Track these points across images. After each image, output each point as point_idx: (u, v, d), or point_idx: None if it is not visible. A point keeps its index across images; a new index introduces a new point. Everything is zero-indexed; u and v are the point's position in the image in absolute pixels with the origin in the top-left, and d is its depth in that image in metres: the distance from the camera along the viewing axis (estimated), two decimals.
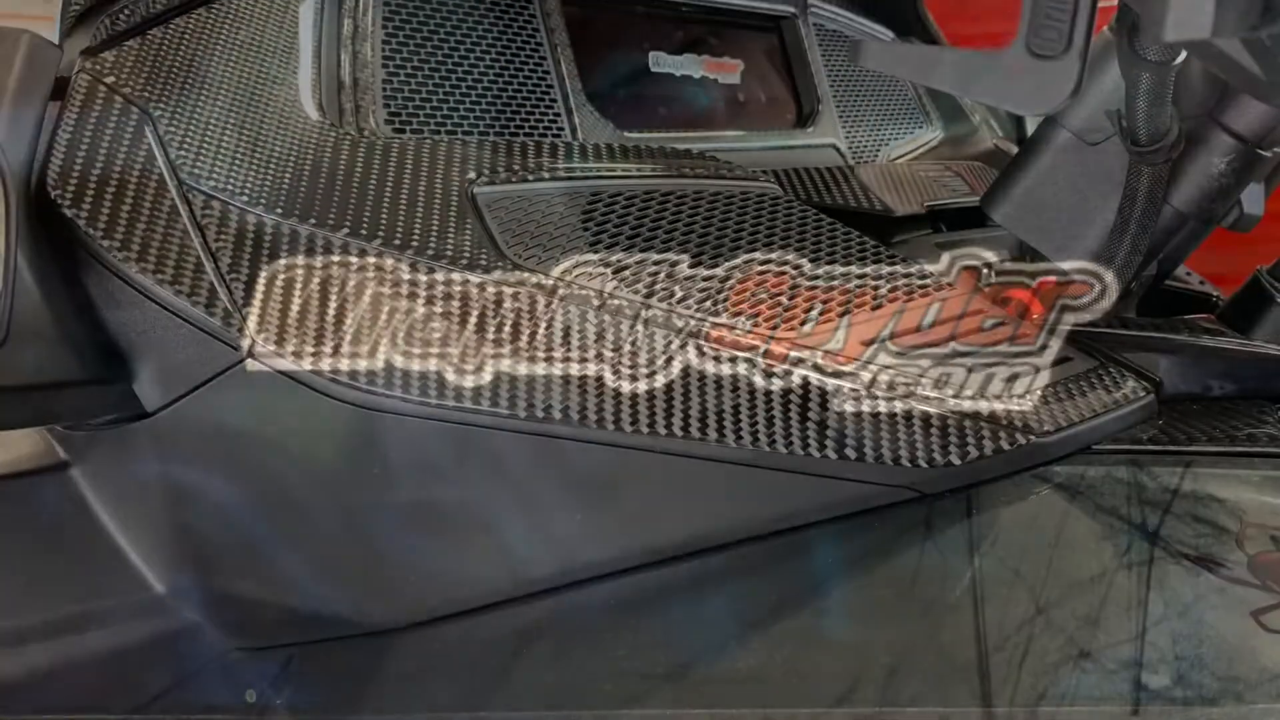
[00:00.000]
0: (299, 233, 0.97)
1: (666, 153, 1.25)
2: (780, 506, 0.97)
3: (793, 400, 0.95)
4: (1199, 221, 1.18)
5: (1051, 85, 0.87)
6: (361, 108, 1.15)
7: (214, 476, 0.99)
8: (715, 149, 1.48)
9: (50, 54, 0.99)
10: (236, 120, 1.05)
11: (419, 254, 0.98)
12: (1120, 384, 1.06)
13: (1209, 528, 0.88)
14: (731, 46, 1.71)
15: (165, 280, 0.93)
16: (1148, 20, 0.74)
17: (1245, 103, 1.11)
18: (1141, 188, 1.13)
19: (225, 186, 0.98)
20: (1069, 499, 0.93)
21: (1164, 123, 1.08)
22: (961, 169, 1.80)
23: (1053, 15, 0.86)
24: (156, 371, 0.96)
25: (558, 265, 1.02)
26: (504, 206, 1.06)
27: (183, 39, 1.08)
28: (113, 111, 1.00)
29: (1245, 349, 1.10)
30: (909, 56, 0.97)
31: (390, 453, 0.96)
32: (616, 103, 1.48)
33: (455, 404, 0.93)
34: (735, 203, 1.19)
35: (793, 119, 1.76)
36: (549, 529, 0.99)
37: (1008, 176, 1.26)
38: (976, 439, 0.95)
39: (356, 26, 1.20)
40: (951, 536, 0.92)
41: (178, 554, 1.04)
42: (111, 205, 0.95)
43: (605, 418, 0.94)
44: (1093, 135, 1.20)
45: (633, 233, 1.08)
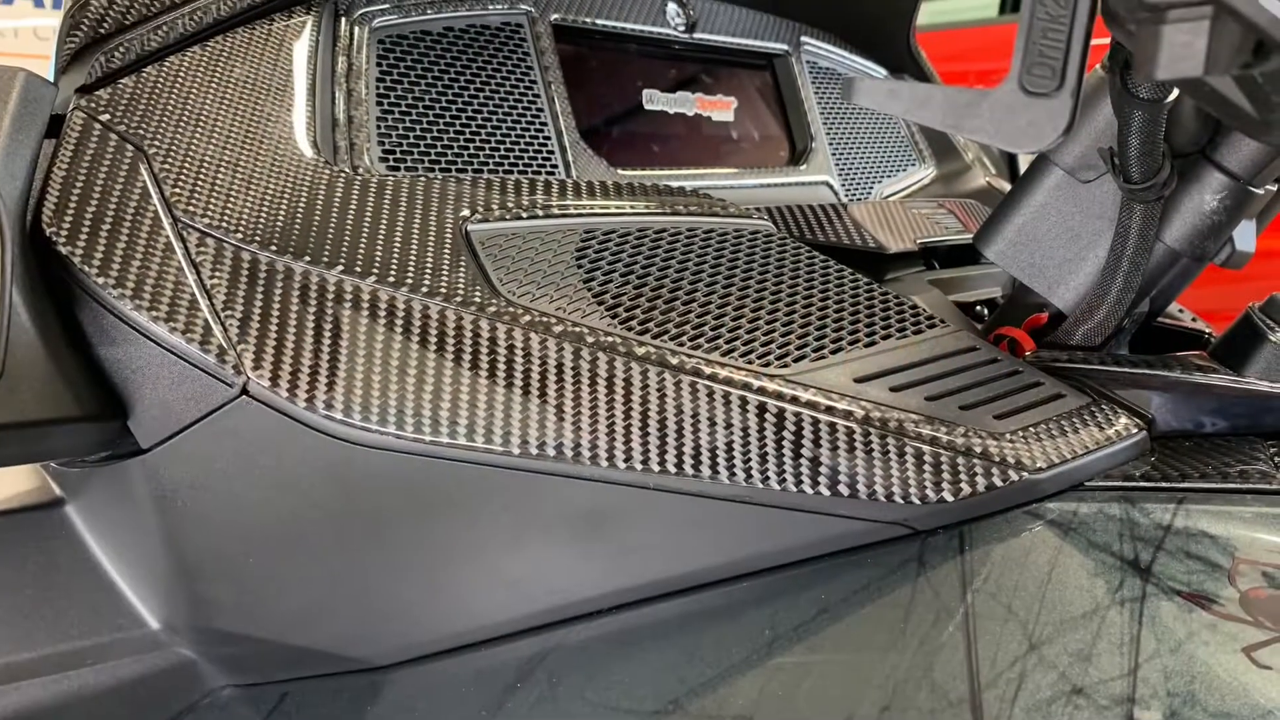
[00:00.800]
0: (293, 270, 0.97)
1: (660, 190, 1.25)
2: (772, 543, 0.97)
3: (785, 437, 0.96)
4: (1191, 259, 1.18)
5: (1044, 123, 0.88)
6: (356, 145, 1.16)
7: (208, 513, 0.99)
8: (709, 186, 1.49)
9: (45, 91, 0.99)
10: (231, 157, 1.05)
11: (413, 291, 0.98)
12: (1112, 421, 1.06)
13: (1201, 564, 0.88)
14: (725, 84, 1.71)
15: (160, 317, 0.93)
16: (1140, 58, 0.75)
17: (1237, 140, 1.12)
18: (1134, 225, 1.13)
19: (220, 224, 0.99)
20: (1061, 535, 0.93)
21: (1156, 160, 1.09)
22: (954, 206, 1.81)
23: (1045, 53, 0.86)
24: (151, 408, 0.97)
25: (551, 302, 1.02)
26: (498, 244, 1.06)
27: (177, 76, 1.09)
28: (107, 149, 1.00)
29: (1237, 386, 1.10)
30: (902, 94, 0.97)
31: (383, 489, 0.96)
32: (610, 140, 1.49)
33: (449, 440, 0.94)
34: (729, 240, 1.19)
35: (786, 156, 1.77)
36: (541, 566, 0.99)
37: (1000, 214, 1.27)
38: (969, 475, 0.95)
39: (351, 64, 1.21)
40: (944, 572, 0.92)
41: (172, 590, 1.04)
42: (106, 242, 0.95)
43: (598, 454, 0.94)
44: (1085, 173, 1.20)
45: (626, 270, 1.09)
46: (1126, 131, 1.07)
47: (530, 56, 1.39)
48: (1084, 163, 1.20)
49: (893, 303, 1.17)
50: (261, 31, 1.17)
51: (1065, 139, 0.90)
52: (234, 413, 0.95)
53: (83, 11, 1.09)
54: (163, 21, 1.11)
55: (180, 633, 1.06)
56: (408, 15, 1.29)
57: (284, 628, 1.03)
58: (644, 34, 1.60)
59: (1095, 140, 1.19)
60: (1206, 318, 1.55)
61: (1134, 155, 1.08)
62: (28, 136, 0.97)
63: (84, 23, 1.09)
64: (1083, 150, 1.20)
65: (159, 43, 1.10)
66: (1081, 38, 0.85)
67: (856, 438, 0.96)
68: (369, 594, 1.00)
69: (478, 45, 1.35)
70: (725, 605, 0.97)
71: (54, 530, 1.09)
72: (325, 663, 1.04)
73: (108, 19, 1.09)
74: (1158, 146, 1.08)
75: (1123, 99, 1.05)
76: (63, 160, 0.99)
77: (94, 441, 0.98)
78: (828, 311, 1.12)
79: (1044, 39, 0.86)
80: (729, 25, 1.74)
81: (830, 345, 1.07)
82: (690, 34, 1.66)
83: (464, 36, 1.34)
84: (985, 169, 2.09)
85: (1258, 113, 0.89)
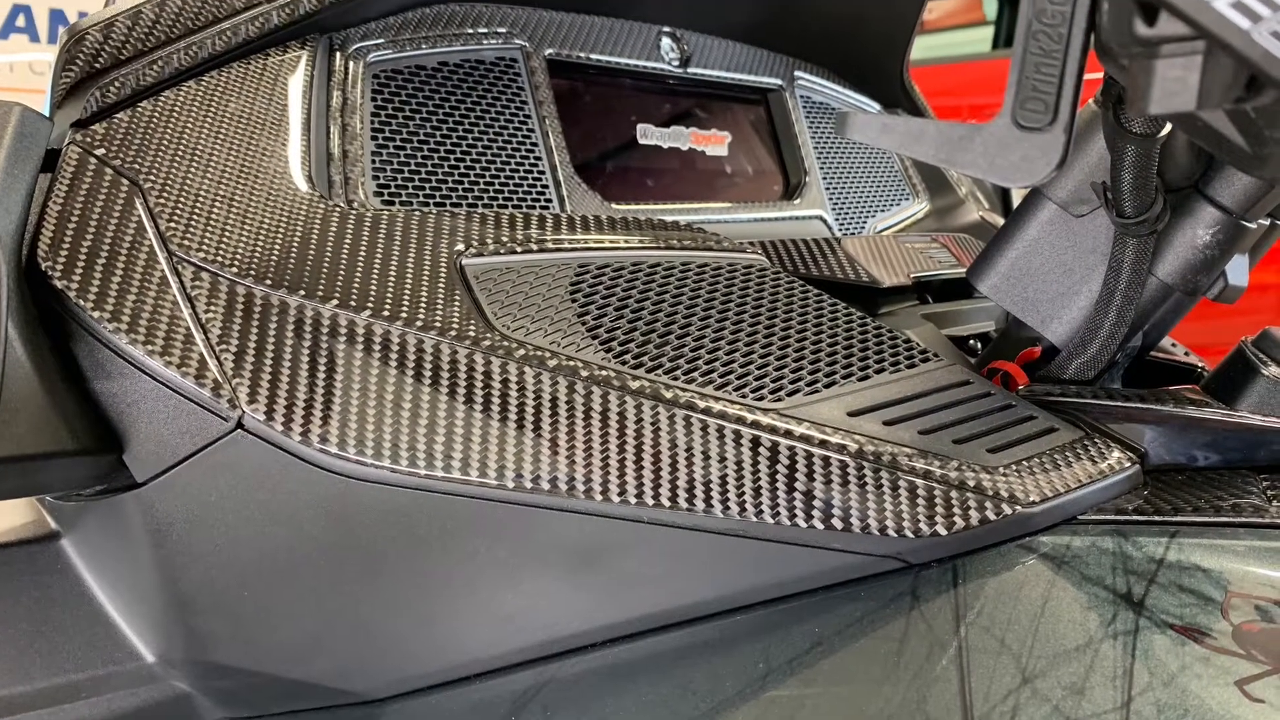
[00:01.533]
0: (288, 304, 0.98)
1: (654, 224, 1.25)
2: (766, 576, 0.97)
3: (779, 471, 0.96)
4: (1184, 293, 1.18)
5: (1037, 157, 0.88)
6: (350, 180, 1.16)
7: (204, 546, 0.99)
8: (703, 221, 1.49)
9: (41, 126, 1.00)
10: (226, 192, 1.05)
11: (408, 325, 0.98)
12: (1105, 454, 1.06)
13: (1194, 597, 0.88)
14: (719, 119, 1.72)
15: (155, 351, 0.93)
16: (1133, 93, 0.75)
17: (1230, 175, 1.12)
18: (1127, 259, 1.13)
19: (215, 258, 0.99)
20: (1055, 569, 0.93)
21: (1149, 195, 1.09)
22: (948, 241, 1.81)
23: (1038, 88, 0.86)
24: (147, 442, 0.97)
25: (546, 336, 1.02)
26: (492, 278, 1.07)
27: (173, 111, 1.09)
28: (103, 183, 1.01)
29: (1230, 419, 1.11)
30: (895, 128, 0.97)
31: (379, 523, 0.96)
32: (604, 175, 1.49)
33: (444, 474, 0.94)
34: (723, 274, 1.19)
35: (780, 191, 1.77)
36: (536, 599, 0.99)
37: (994, 248, 1.27)
38: (962, 509, 0.95)
39: (345, 99, 1.21)
40: (937, 606, 0.92)
41: (168, 623, 1.04)
42: (102, 277, 0.96)
43: (593, 488, 0.94)
44: (1078, 208, 1.20)
45: (621, 304, 1.09)
46: (1119, 166, 1.07)
47: (525, 91, 1.40)
48: (1077, 197, 1.20)
49: (886, 337, 1.18)
50: (256, 66, 1.17)
51: (1058, 173, 0.91)
52: (229, 447, 0.95)
53: (78, 46, 1.09)
54: (158, 56, 1.11)
55: (176, 666, 1.06)
56: (402, 50, 1.30)
57: (279, 661, 1.03)
58: (638, 69, 1.60)
59: (1088, 175, 1.19)
60: (1199, 352, 1.55)
61: (1127, 190, 1.08)
62: (23, 171, 0.97)
63: (79, 57, 1.09)
64: (1076, 185, 1.20)
65: (154, 78, 1.10)
66: (1074, 73, 0.85)
67: (850, 472, 0.96)
68: (364, 627, 1.00)
69: (472, 80, 1.35)
70: (719, 639, 0.97)
71: (49, 564, 1.09)
72: (321, 696, 1.04)
73: (103, 54, 1.10)
74: (1150, 181, 1.08)
75: (1116, 134, 1.05)
76: (58, 195, 0.99)
77: (89, 475, 0.98)
78: (821, 346, 1.12)
79: (1037, 74, 0.86)
80: (723, 60, 1.74)
81: (824, 379, 1.07)
82: (684, 69, 1.67)
83: (458, 71, 1.35)
84: (978, 203, 2.09)
85: (1250, 147, 0.89)
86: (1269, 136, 0.86)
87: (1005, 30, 5.77)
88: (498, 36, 1.40)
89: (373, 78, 1.26)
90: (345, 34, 1.26)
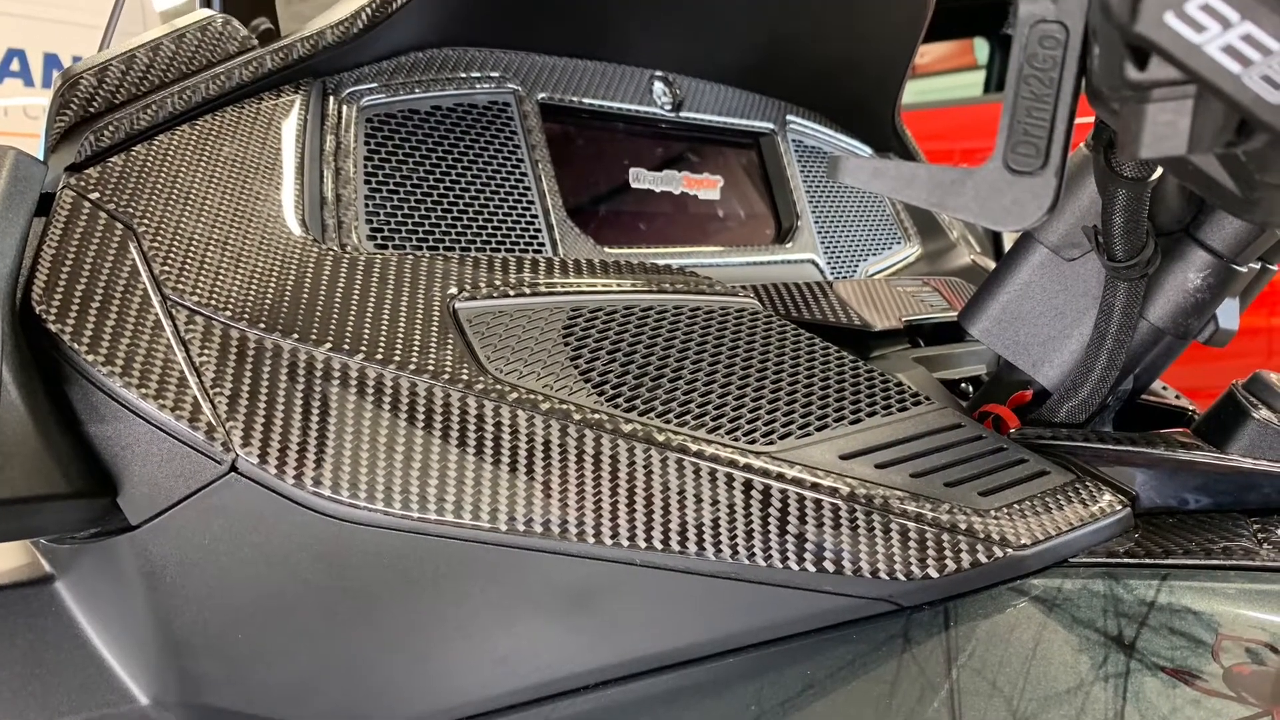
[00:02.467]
0: (282, 347, 0.98)
1: (647, 268, 1.26)
2: (759, 619, 0.97)
3: (771, 513, 0.96)
4: (1175, 336, 1.18)
5: (1028, 201, 0.88)
6: (344, 223, 1.16)
7: (198, 589, 0.99)
8: (695, 264, 1.49)
9: (35, 170, 1.00)
10: (220, 236, 1.05)
11: (401, 368, 0.98)
12: (1097, 497, 1.06)
13: (1185, 640, 0.88)
14: (711, 163, 1.72)
15: (149, 394, 0.93)
16: (1124, 137, 0.75)
17: (1221, 218, 1.12)
18: (1118, 303, 1.14)
19: (209, 301, 0.99)
20: (1046, 611, 0.93)
21: (1140, 238, 1.09)
22: (939, 284, 1.81)
23: (1030, 132, 0.87)
24: (140, 485, 0.97)
25: (539, 379, 1.02)
26: (485, 321, 1.07)
27: (166, 155, 1.09)
28: (97, 227, 1.01)
29: (1221, 463, 1.11)
30: (886, 172, 0.98)
31: (372, 565, 0.96)
32: (597, 218, 1.50)
33: (437, 517, 0.94)
34: (715, 317, 1.19)
35: (772, 234, 1.78)
36: (529, 642, 0.99)
37: (985, 292, 1.27)
38: (954, 552, 0.95)
39: (339, 143, 1.21)
40: (929, 648, 0.92)
41: (161, 666, 1.04)
42: (96, 320, 0.96)
43: (585, 531, 0.95)
44: (1069, 251, 1.21)
45: (613, 347, 1.09)
46: (1110, 210, 1.07)
47: (517, 135, 1.40)
48: (1068, 241, 1.20)
49: (878, 380, 1.18)
50: (250, 110, 1.18)
51: (1049, 217, 0.91)
52: (222, 490, 0.95)
53: (72, 90, 1.09)
54: (152, 100, 1.11)
55: (170, 709, 1.06)
56: (395, 94, 1.30)
57: (273, 703, 1.03)
58: (631, 113, 1.61)
59: (1079, 218, 1.19)
60: (1190, 395, 1.55)
61: (1118, 233, 1.08)
62: (17, 215, 0.97)
63: (74, 101, 1.09)
64: (1067, 228, 1.20)
65: (148, 121, 1.10)
66: (1066, 116, 0.85)
67: (842, 514, 0.96)
68: (358, 670, 1.00)
69: (465, 124, 1.36)
70: (712, 681, 0.97)
71: (43, 607, 1.09)
72: None
73: (97, 98, 1.10)
74: (1141, 224, 1.08)
75: (1107, 177, 1.05)
76: (52, 238, 0.99)
77: (83, 518, 0.98)
78: (813, 389, 1.13)
79: (1028, 118, 0.86)
80: (715, 104, 1.75)
81: (816, 422, 1.08)
82: (677, 113, 1.67)
83: (451, 115, 1.35)
84: (970, 247, 2.10)
85: (1241, 191, 0.89)
86: (1260, 180, 0.86)
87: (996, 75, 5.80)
88: (490, 81, 1.41)
89: (366, 122, 1.26)
90: (338, 78, 1.26)
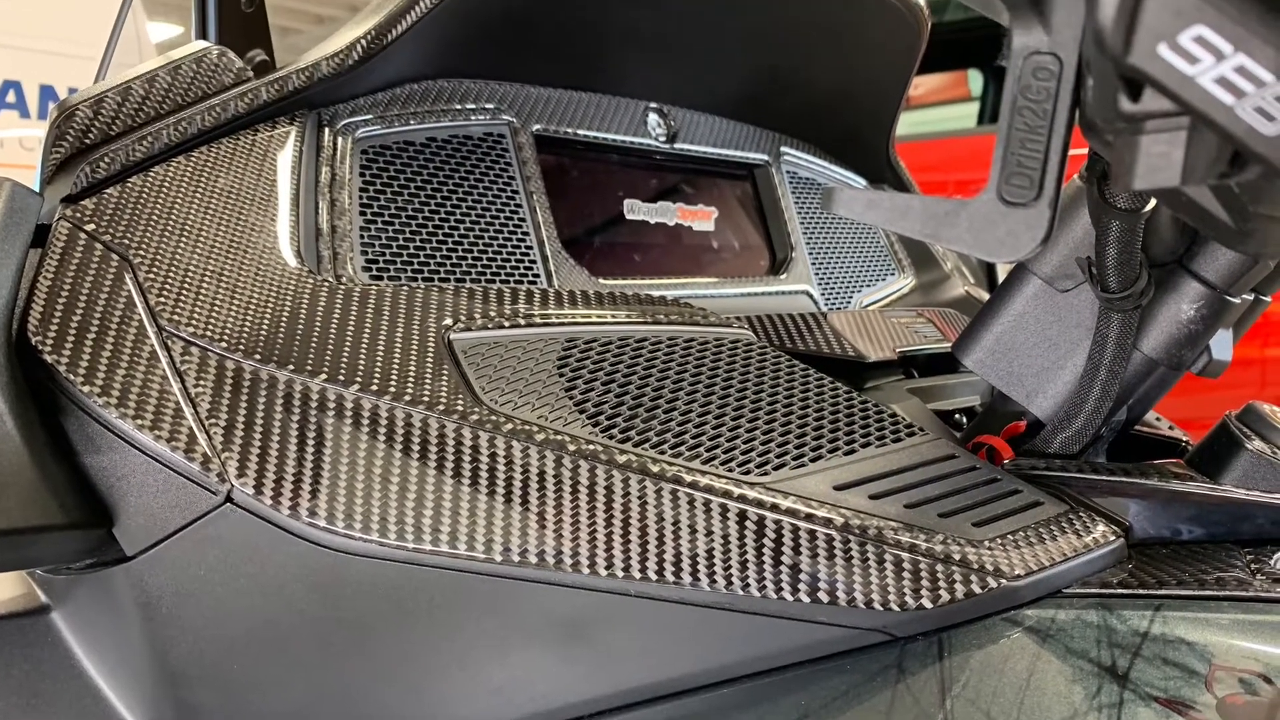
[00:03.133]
0: (277, 378, 0.98)
1: (641, 299, 1.26)
2: (753, 649, 0.97)
3: (765, 544, 0.96)
4: (1169, 368, 1.19)
5: (1022, 233, 0.88)
6: (339, 254, 1.16)
7: (193, 620, 0.99)
8: (690, 295, 1.50)
9: (31, 201, 1.00)
10: (215, 267, 1.06)
11: (396, 399, 0.99)
12: (1090, 528, 1.06)
13: (1178, 670, 0.88)
14: (705, 194, 1.73)
15: (145, 425, 0.93)
16: (1118, 168, 0.75)
17: (1214, 250, 1.12)
18: (1111, 334, 1.14)
19: (204, 332, 0.99)
20: (1040, 642, 0.93)
21: (1134, 270, 1.09)
22: (933, 315, 1.82)
23: (1024, 163, 0.87)
24: (136, 515, 0.97)
25: (533, 410, 1.02)
26: (480, 352, 1.07)
27: (162, 186, 1.10)
28: (93, 258, 1.01)
29: (1214, 493, 1.11)
30: (881, 203, 0.98)
31: (367, 595, 0.96)
32: (592, 250, 1.50)
33: (432, 547, 0.94)
34: (709, 348, 1.20)
35: (766, 266, 1.78)
36: (524, 672, 0.99)
37: (979, 323, 1.27)
38: (948, 583, 0.95)
39: (334, 174, 1.22)
40: (923, 679, 0.92)
41: (157, 697, 1.04)
42: (91, 351, 0.96)
43: (580, 561, 0.95)
44: (1063, 282, 1.21)
45: (608, 378, 1.09)
46: (1104, 241, 1.08)
47: (512, 167, 1.41)
48: (1062, 272, 1.21)
49: (872, 411, 1.18)
50: (245, 142, 1.18)
51: (1043, 249, 0.91)
52: (218, 520, 0.95)
53: (68, 122, 1.10)
54: (147, 132, 1.12)
55: None
56: (390, 125, 1.31)
57: None
58: (625, 144, 1.61)
59: (1073, 250, 1.19)
60: (1183, 426, 1.55)
61: (1112, 265, 1.08)
62: (13, 246, 0.97)
63: (69, 133, 1.10)
64: (1061, 260, 1.20)
65: (144, 153, 1.11)
66: (1059, 148, 0.86)
67: (836, 545, 0.96)
68: (353, 700, 1.00)
69: (460, 155, 1.36)
70: (706, 712, 0.97)
71: (39, 637, 1.09)
72: None
73: (93, 129, 1.11)
74: (1135, 256, 1.09)
75: (1100, 209, 1.05)
76: (48, 269, 0.99)
77: (79, 549, 0.98)
78: (808, 419, 1.13)
79: (1022, 149, 0.87)
80: (709, 136, 1.75)
81: (810, 453, 1.08)
82: (671, 144, 1.68)
83: (446, 147, 1.35)
84: (964, 278, 2.10)
85: (1234, 222, 0.89)
86: (1253, 212, 0.86)
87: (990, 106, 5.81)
88: (485, 112, 1.41)
89: (361, 153, 1.27)
90: (334, 110, 1.27)
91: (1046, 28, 0.85)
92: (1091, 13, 0.68)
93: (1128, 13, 0.66)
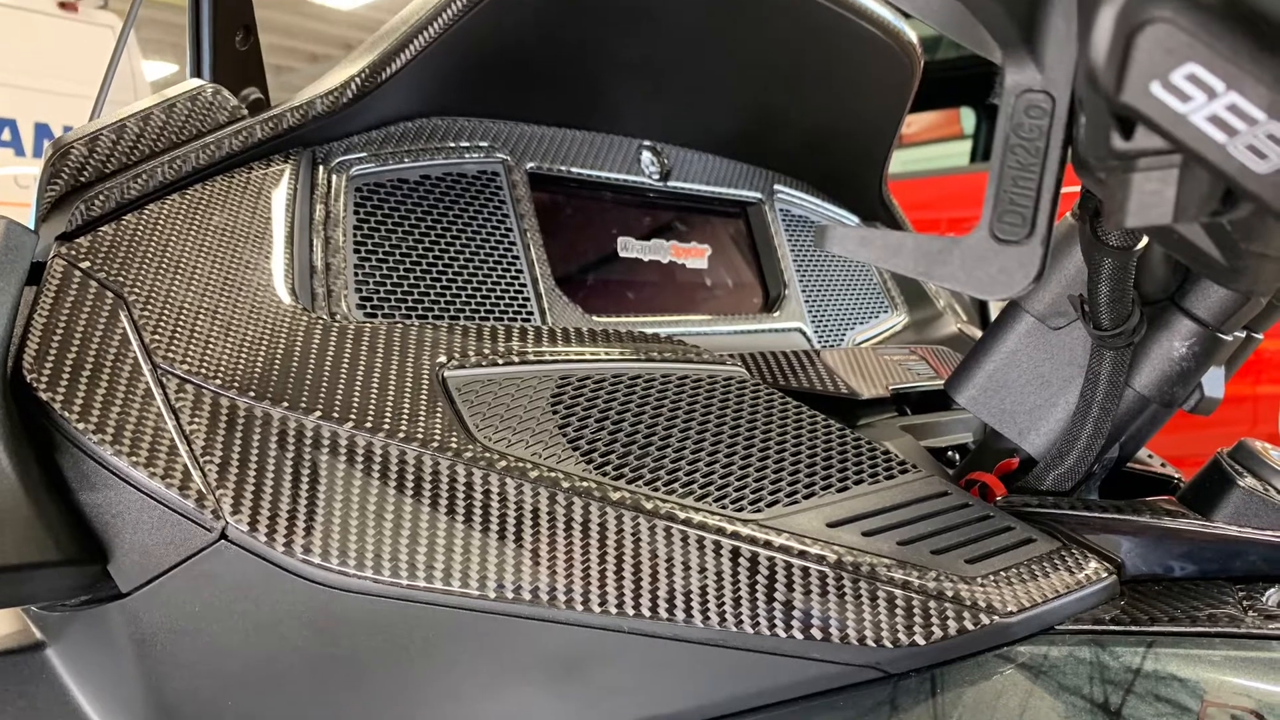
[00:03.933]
0: (272, 415, 0.98)
1: (635, 336, 1.26)
2: (746, 686, 0.97)
3: (759, 581, 0.96)
4: (1161, 405, 1.19)
5: (1015, 270, 0.88)
6: (333, 292, 1.17)
7: (188, 656, 0.99)
8: (683, 333, 1.50)
9: (26, 239, 1.00)
10: (210, 304, 1.06)
11: (390, 436, 0.99)
12: (1083, 565, 1.06)
13: (1171, 707, 0.88)
14: (699, 232, 1.73)
15: (139, 463, 0.94)
16: (1110, 206, 0.76)
17: (1206, 287, 1.13)
18: (1103, 372, 1.14)
19: (199, 370, 0.99)
20: (1032, 678, 0.93)
21: (1126, 307, 1.10)
22: (926, 353, 1.82)
23: (1016, 201, 0.87)
24: (131, 552, 0.97)
25: (527, 447, 1.03)
26: (474, 390, 1.07)
27: (157, 224, 1.10)
28: (88, 296, 1.01)
29: (1206, 531, 1.11)
30: (874, 241, 0.98)
31: (361, 632, 0.96)
32: (585, 287, 1.50)
33: (426, 584, 0.94)
34: (703, 385, 1.20)
35: (759, 303, 1.78)
36: (518, 709, 0.98)
37: (971, 360, 1.28)
38: (941, 619, 0.95)
39: (329, 212, 1.22)
40: (916, 715, 0.92)
41: None
42: (87, 388, 0.96)
43: (574, 598, 0.95)
44: (1055, 320, 1.21)
45: (601, 415, 1.10)
46: (1096, 279, 1.08)
47: (506, 204, 1.41)
48: (1054, 309, 1.21)
49: (865, 448, 1.18)
50: (240, 179, 1.18)
51: (1035, 286, 0.91)
52: (213, 557, 0.95)
53: (63, 160, 1.10)
54: (142, 170, 1.12)
55: None
56: (385, 163, 1.31)
57: None
58: (619, 182, 1.61)
59: (1065, 287, 1.20)
60: (1176, 463, 1.56)
61: (1104, 302, 1.09)
62: (8, 283, 0.98)
63: (65, 171, 1.10)
64: (1053, 297, 1.21)
65: (139, 191, 1.11)
66: (1052, 186, 0.86)
67: (829, 582, 0.96)
68: None
69: (454, 193, 1.36)
70: None
71: (34, 673, 1.09)
72: None
73: (88, 167, 1.11)
74: (1127, 294, 1.09)
75: (1093, 247, 1.06)
76: (43, 307, 1.00)
77: (74, 585, 0.99)
78: (800, 457, 1.13)
79: (1014, 187, 0.87)
80: (703, 174, 1.76)
81: (803, 490, 1.08)
82: (664, 182, 1.68)
83: (441, 184, 1.36)
84: (956, 316, 2.10)
85: (1226, 260, 0.90)
86: (1245, 249, 0.87)
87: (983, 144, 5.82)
88: (479, 150, 1.42)
89: (355, 191, 1.27)
90: (328, 147, 1.27)
91: (1039, 66, 0.86)
92: (1084, 51, 0.69)
93: (1120, 51, 0.67)
